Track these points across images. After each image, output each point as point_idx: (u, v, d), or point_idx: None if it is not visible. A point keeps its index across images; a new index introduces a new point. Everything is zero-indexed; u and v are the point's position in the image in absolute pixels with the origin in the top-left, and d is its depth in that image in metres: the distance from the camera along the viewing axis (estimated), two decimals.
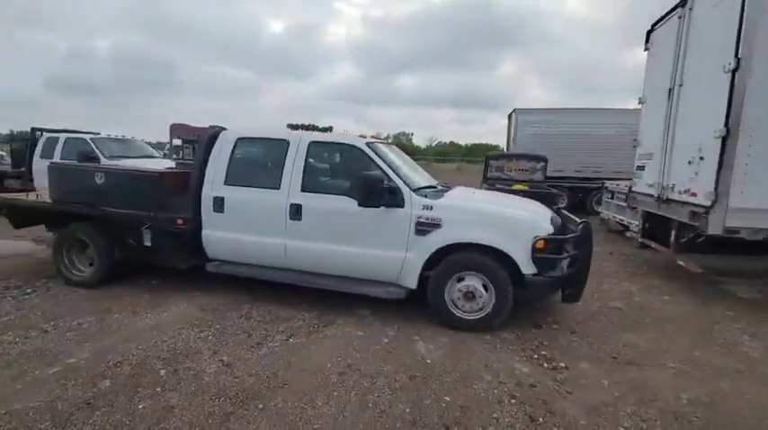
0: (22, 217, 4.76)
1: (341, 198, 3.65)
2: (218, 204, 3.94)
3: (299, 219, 3.73)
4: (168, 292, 4.15)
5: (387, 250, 3.56)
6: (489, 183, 8.89)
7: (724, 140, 3.95)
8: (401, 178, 3.63)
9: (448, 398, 2.51)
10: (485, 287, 3.40)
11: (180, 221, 3.97)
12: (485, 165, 9.73)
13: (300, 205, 3.72)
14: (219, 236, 4.00)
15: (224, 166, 3.97)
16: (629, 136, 11.88)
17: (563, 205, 8.55)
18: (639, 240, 6.01)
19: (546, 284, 3.40)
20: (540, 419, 2.34)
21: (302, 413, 2.34)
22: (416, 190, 3.65)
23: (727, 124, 3.92)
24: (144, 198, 4.05)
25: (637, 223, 6.47)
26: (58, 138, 8.15)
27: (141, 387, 2.55)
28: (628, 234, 6.69)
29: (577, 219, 3.70)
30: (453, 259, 3.44)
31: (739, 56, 3.82)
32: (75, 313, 3.60)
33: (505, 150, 14.79)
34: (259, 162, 4.23)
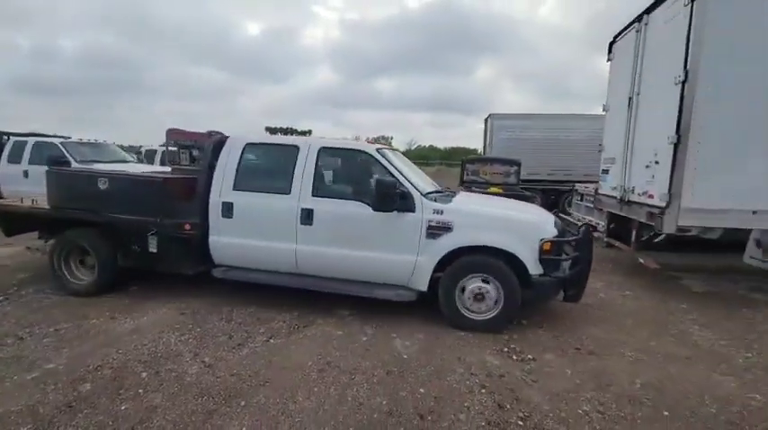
0: (16, 224, 4.63)
1: (353, 203, 3.73)
2: (227, 210, 3.93)
3: (311, 224, 3.76)
4: (147, 298, 4.16)
5: (398, 254, 3.64)
6: (466, 186, 9.15)
7: (676, 146, 4.28)
8: (411, 183, 3.72)
9: (423, 390, 2.66)
10: (494, 288, 3.53)
11: (188, 227, 3.94)
12: (462, 169, 10.01)
13: (312, 210, 3.75)
14: (228, 241, 3.99)
15: (232, 172, 3.97)
16: (598, 141, 12.49)
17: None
18: (605, 240, 6.36)
19: (551, 284, 3.54)
20: (507, 406, 2.52)
21: (284, 408, 2.44)
22: (425, 194, 3.74)
23: (678, 131, 4.26)
24: (150, 204, 4.00)
25: (602, 223, 6.84)
26: (26, 143, 7.92)
27: (123, 389, 2.59)
28: (596, 234, 7.03)
29: (577, 223, 3.92)
30: (463, 262, 3.54)
31: (687, 68, 4.16)
32: (52, 320, 3.58)
33: (482, 154, 15.21)
34: (268, 167, 4.25)
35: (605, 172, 6.38)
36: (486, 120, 14.30)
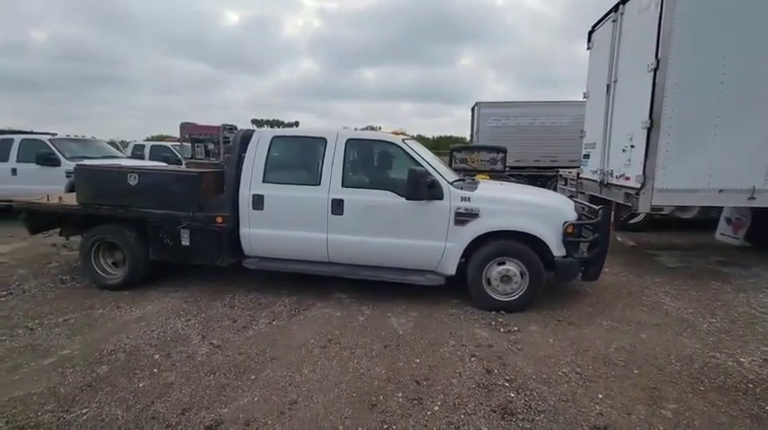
0: (41, 222, 4.72)
1: (383, 192, 3.86)
2: (258, 202, 4.02)
3: (341, 214, 3.87)
4: (149, 288, 4.30)
5: (428, 240, 3.79)
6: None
7: (649, 131, 4.55)
8: (438, 172, 3.87)
9: (418, 361, 2.90)
10: (520, 271, 3.71)
11: (219, 220, 4.03)
12: (450, 157, 10.23)
13: (342, 200, 3.86)
14: (259, 233, 4.08)
15: (261, 165, 4.06)
16: (580, 127, 12.83)
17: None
18: None
19: (573, 265, 3.72)
20: (495, 371, 2.77)
21: (291, 380, 2.65)
22: (452, 182, 3.90)
23: (651, 116, 4.52)
24: (183, 198, 4.08)
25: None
26: (12, 140, 7.85)
27: (138, 369, 2.77)
28: None
29: (594, 206, 4.12)
30: (490, 246, 3.72)
31: (658, 57, 4.41)
32: (59, 311, 3.71)
33: (470, 142, 15.45)
34: (296, 160, 4.34)
35: (586, 156, 6.67)
36: (473, 109, 14.51)
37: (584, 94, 6.86)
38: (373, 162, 4.38)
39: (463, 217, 3.72)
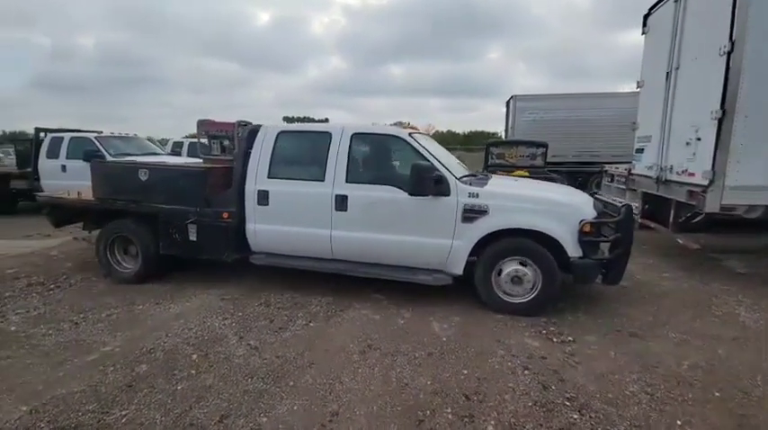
0: (64, 215, 4.86)
1: (387, 188, 3.72)
2: (263, 197, 3.99)
3: (345, 210, 3.78)
4: (187, 284, 4.30)
5: (434, 238, 3.63)
6: (490, 170, 9.00)
7: (720, 122, 4.09)
8: (445, 167, 3.69)
9: (465, 371, 2.68)
10: (532, 271, 3.49)
11: (225, 215, 4.03)
12: (485, 153, 9.84)
13: (346, 196, 3.77)
14: (264, 228, 4.06)
15: (267, 160, 4.02)
16: (626, 120, 12.03)
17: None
18: (639, 221, 6.16)
19: (591, 267, 3.44)
20: (552, 387, 2.51)
21: (331, 388, 2.50)
22: (460, 178, 3.72)
23: (723, 106, 4.05)
24: (190, 193, 4.10)
25: (636, 205, 6.64)
26: (62, 138, 8.21)
27: (177, 370, 2.71)
28: None
29: (617, 203, 3.79)
30: (500, 245, 3.52)
31: (733, 39, 3.93)
32: (102, 306, 3.75)
33: (504, 137, 14.91)
34: (302, 155, 4.28)
35: (639, 151, 6.17)
36: (508, 103, 13.98)
37: (637, 83, 6.33)
38: (379, 157, 4.22)
39: (471, 214, 3.53)
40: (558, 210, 3.52)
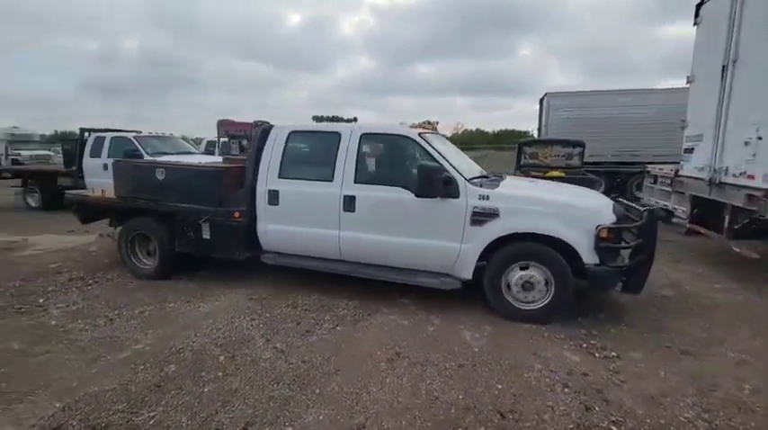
0: (90, 212, 5.07)
1: (395, 189, 3.64)
2: (273, 197, 4.00)
3: (353, 211, 3.73)
4: (215, 283, 4.34)
5: (442, 241, 3.53)
6: (523, 170, 8.69)
7: None
8: (455, 168, 3.59)
9: (500, 386, 2.53)
10: (543, 277, 3.34)
11: (237, 215, 4.06)
12: (517, 153, 9.51)
13: (354, 197, 3.73)
14: (274, 228, 4.07)
15: (278, 160, 4.03)
16: (670, 117, 11.33)
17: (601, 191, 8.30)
18: (688, 226, 5.74)
19: (609, 275, 3.24)
20: (596, 408, 2.32)
21: (358, 398, 2.42)
22: (470, 179, 3.60)
23: None
24: (204, 192, 4.16)
25: (683, 208, 6.19)
26: (104, 138, 8.56)
27: (204, 371, 2.70)
28: (674, 220, 6.40)
29: (640, 207, 3.55)
30: (510, 249, 3.38)
31: None
32: (136, 302, 3.83)
33: (537, 136, 14.42)
34: (312, 155, 4.26)
35: (689, 151, 5.73)
36: (541, 100, 13.50)
37: (687, 77, 5.89)
38: (388, 157, 4.15)
39: (481, 216, 3.40)
40: (573, 213, 3.33)
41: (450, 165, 3.59)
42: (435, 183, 3.42)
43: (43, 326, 3.37)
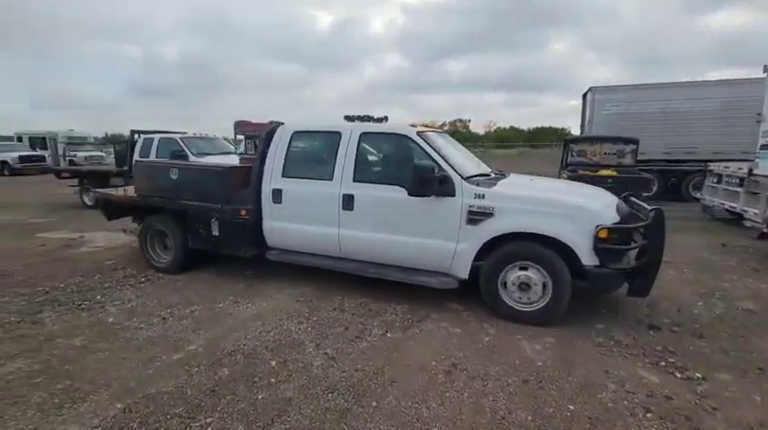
0: (114, 210, 5.35)
1: (392, 188, 3.64)
2: (277, 196, 4.11)
3: (352, 210, 3.77)
4: (261, 283, 4.34)
5: (438, 240, 3.51)
6: (570, 169, 8.27)
7: None
8: (452, 167, 3.55)
9: (572, 407, 2.31)
10: (541, 278, 3.25)
11: (243, 212, 4.20)
12: (563, 150, 9.08)
13: (353, 195, 3.77)
14: (278, 226, 4.18)
15: (281, 159, 4.13)
16: (733, 112, 10.46)
17: (652, 192, 7.75)
18: (765, 230, 5.22)
19: (611, 277, 3.12)
20: None
21: (418, 414, 2.28)
22: (468, 178, 3.55)
23: None
24: (213, 191, 4.34)
25: (755, 210, 5.64)
26: (153, 139, 8.89)
27: (257, 376, 2.65)
28: (747, 223, 5.84)
29: (648, 207, 3.33)
30: (507, 249, 3.33)
31: None
32: (186, 301, 3.88)
33: (579, 133, 13.76)
34: (313, 154, 4.34)
35: (766, 147, 5.21)
36: (584, 95, 12.86)
37: (765, 66, 5.36)
38: (386, 156, 4.19)
39: (476, 216, 3.37)
40: (570, 213, 3.20)
41: (447, 163, 3.56)
42: (429, 182, 3.39)
43: (102, 323, 3.46)
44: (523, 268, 3.31)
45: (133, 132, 9.18)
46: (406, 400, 2.39)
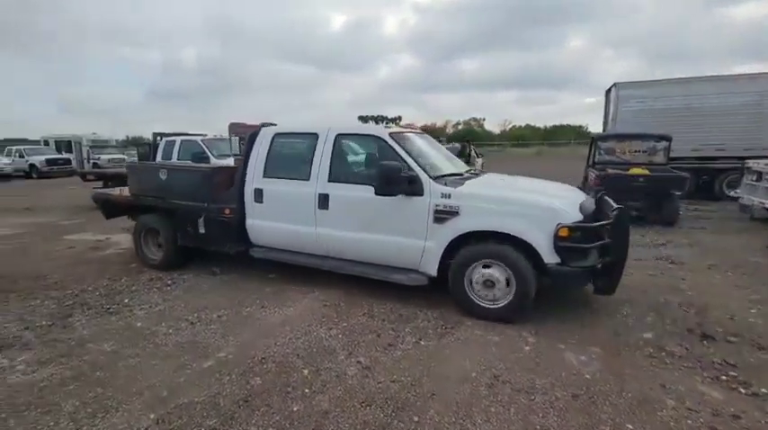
0: (112, 209, 5.57)
1: (365, 187, 3.71)
2: (258, 195, 4.27)
3: (327, 209, 3.90)
4: (286, 286, 4.26)
5: (407, 238, 3.61)
6: (598, 168, 7.98)
7: None
8: (421, 167, 3.62)
9: (630, 426, 2.14)
10: (505, 276, 3.30)
11: (227, 211, 4.38)
12: (591, 148, 8.78)
13: (328, 195, 3.89)
14: (260, 224, 4.34)
15: (263, 160, 4.28)
16: (765, 106, 9.96)
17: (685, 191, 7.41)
18: None
19: (572, 275, 3.17)
20: None
21: None
22: (437, 178, 3.62)
23: None
24: (199, 191, 4.52)
25: None
26: (174, 141, 8.97)
27: (290, 387, 2.55)
28: None
29: (614, 205, 3.32)
30: (473, 247, 3.39)
31: None
32: (214, 305, 3.82)
33: (602, 130, 13.38)
34: (293, 155, 4.42)
35: None
36: (607, 92, 12.51)
37: None
38: (359, 157, 4.34)
39: (442, 214, 3.46)
40: (531, 212, 3.26)
41: (417, 163, 3.63)
42: (395, 182, 3.48)
43: (131, 327, 3.42)
44: (487, 266, 3.35)
45: (155, 135, 9.28)
46: (449, 415, 2.25)
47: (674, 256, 5.22)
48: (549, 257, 3.15)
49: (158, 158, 8.91)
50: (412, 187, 3.52)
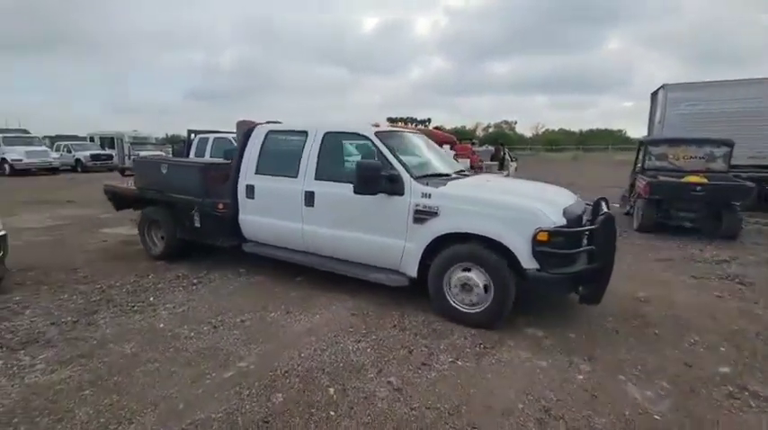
0: (120, 201, 5.76)
1: (347, 185, 3.63)
2: (250, 191, 4.33)
3: (312, 206, 3.92)
4: (313, 291, 4.06)
5: (388, 237, 3.57)
6: (649, 174, 7.36)
7: None
8: (404, 166, 3.55)
9: None
10: (483, 280, 3.18)
11: (221, 206, 4.45)
12: (639, 153, 8.15)
13: (313, 192, 3.91)
14: (251, 219, 4.42)
15: (255, 157, 4.34)
16: None
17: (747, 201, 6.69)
18: None
19: (552, 282, 3.01)
20: None
21: None
22: (419, 177, 3.53)
23: None
24: (195, 186, 4.59)
25: None
26: (208, 139, 9.02)
27: (314, 408, 2.31)
28: None
29: (605, 211, 3.22)
30: (452, 249, 3.28)
31: None
32: (237, 309, 3.66)
33: (647, 134, 12.55)
34: (283, 153, 4.41)
35: None
36: (653, 94, 11.71)
37: None
38: (346, 155, 4.38)
39: (422, 215, 3.38)
40: (510, 215, 3.11)
41: (400, 163, 3.57)
42: (373, 181, 3.41)
43: (153, 328, 3.30)
44: (467, 269, 3.24)
45: (190, 132, 9.38)
46: None
47: (742, 276, 4.66)
48: (528, 262, 3.01)
49: (192, 155, 9.01)
50: (393, 186, 3.46)
